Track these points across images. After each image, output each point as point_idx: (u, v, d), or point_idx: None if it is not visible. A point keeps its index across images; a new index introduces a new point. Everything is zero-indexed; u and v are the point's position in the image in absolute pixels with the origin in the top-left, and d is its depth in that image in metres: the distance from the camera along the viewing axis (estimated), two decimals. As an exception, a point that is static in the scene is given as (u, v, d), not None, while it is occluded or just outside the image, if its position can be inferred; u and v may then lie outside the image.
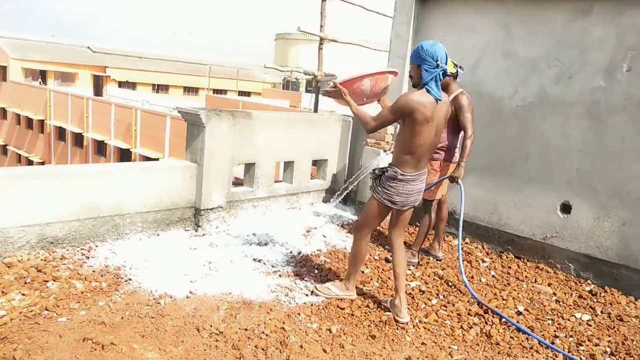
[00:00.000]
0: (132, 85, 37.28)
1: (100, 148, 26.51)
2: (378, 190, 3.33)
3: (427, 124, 3.11)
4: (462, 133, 4.25)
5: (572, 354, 3.16)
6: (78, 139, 27.91)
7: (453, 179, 4.17)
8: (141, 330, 2.92)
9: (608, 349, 3.26)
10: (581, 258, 4.50)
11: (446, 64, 3.11)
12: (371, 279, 4.02)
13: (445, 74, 3.14)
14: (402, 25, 5.56)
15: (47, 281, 3.34)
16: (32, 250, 3.69)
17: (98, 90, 35.99)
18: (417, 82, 3.19)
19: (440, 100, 3.14)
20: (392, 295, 3.66)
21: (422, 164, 3.27)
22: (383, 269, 4.22)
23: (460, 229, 4.17)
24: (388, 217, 3.57)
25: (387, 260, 4.42)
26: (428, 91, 3.10)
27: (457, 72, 4.27)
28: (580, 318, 3.70)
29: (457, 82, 4.31)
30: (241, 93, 38.53)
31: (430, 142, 3.21)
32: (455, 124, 4.25)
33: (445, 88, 4.29)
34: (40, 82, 34.13)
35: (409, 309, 3.56)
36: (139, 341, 2.82)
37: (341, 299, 3.58)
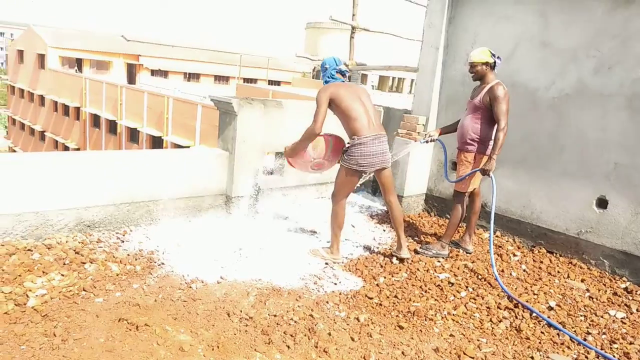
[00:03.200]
0: (164, 74, 37.79)
1: (133, 135, 27.04)
2: (345, 159, 3.88)
3: (349, 98, 3.81)
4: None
5: (605, 352, 3.10)
6: (112, 126, 28.55)
7: (484, 172, 4.10)
8: (173, 313, 3.00)
9: (643, 348, 3.18)
10: (617, 254, 4.38)
11: (333, 66, 3.99)
12: (400, 270, 4.01)
13: (341, 72, 4.00)
14: (436, 13, 5.47)
15: (84, 263, 3.46)
16: (70, 232, 3.82)
17: (131, 78, 36.67)
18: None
19: (343, 82, 4.01)
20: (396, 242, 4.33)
21: (372, 127, 3.84)
22: (412, 261, 4.21)
23: (492, 221, 4.12)
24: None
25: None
26: (329, 82, 3.95)
27: (494, 62, 4.18)
28: (615, 315, 3.61)
29: (494, 73, 4.23)
30: (271, 82, 38.64)
31: (364, 108, 3.86)
32: (489, 114, 4.17)
33: (483, 78, 4.22)
34: (76, 69, 34.98)
35: (437, 300, 3.56)
36: (171, 323, 2.90)
37: (327, 261, 3.91)
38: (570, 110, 4.61)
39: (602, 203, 4.46)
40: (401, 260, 4.15)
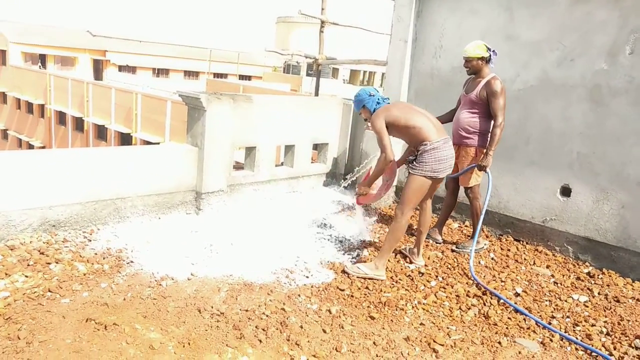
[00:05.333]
0: (132, 70, 37.06)
1: (101, 132, 26.46)
2: (417, 167, 3.69)
3: (405, 113, 3.74)
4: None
5: (569, 334, 3.21)
6: (78, 124, 27.85)
7: (481, 168, 4.14)
8: (143, 311, 2.97)
9: (604, 329, 3.30)
10: (580, 240, 4.53)
11: (377, 93, 3.90)
12: (370, 261, 4.04)
13: (384, 99, 3.89)
14: (404, 8, 5.51)
15: (49, 263, 3.37)
16: (34, 233, 3.72)
17: (98, 75, 35.83)
18: (369, 115, 3.88)
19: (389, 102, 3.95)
20: (411, 243, 4.37)
21: (440, 131, 3.73)
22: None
23: (481, 217, 4.19)
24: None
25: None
26: (377, 108, 3.84)
27: (489, 56, 4.17)
28: (578, 299, 3.73)
29: (489, 66, 4.22)
30: (242, 77, 38.36)
31: (425, 116, 3.76)
32: (485, 109, 4.16)
33: (478, 72, 4.23)
34: (40, 66, 33.95)
35: (408, 290, 3.61)
36: (141, 322, 2.86)
37: (369, 278, 3.71)
38: (534, 101, 4.72)
39: (566, 191, 4.59)
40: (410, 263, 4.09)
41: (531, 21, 4.69)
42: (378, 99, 3.87)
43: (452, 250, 4.47)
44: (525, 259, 4.46)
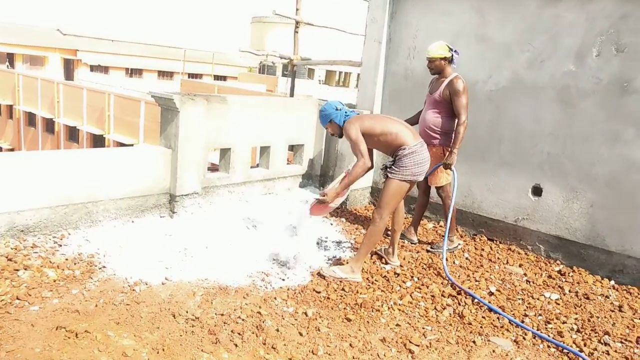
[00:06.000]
0: (104, 70, 36.36)
1: (73, 134, 25.85)
2: (397, 171, 3.68)
3: (379, 122, 3.76)
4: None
5: (541, 332, 3.27)
6: (49, 125, 27.14)
7: (446, 166, 4.19)
8: (116, 318, 2.91)
9: (575, 326, 3.37)
10: (551, 239, 4.62)
11: (343, 107, 3.89)
12: (346, 263, 4.05)
13: (351, 112, 3.89)
14: (378, 9, 5.54)
15: (18, 270, 3.28)
16: (1, 239, 3.61)
17: (69, 74, 35.05)
18: (338, 130, 3.88)
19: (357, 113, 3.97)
20: (386, 243, 4.34)
21: (416, 135, 3.77)
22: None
23: (450, 215, 4.24)
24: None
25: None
26: (348, 117, 3.83)
27: (452, 55, 4.23)
28: (549, 297, 3.81)
29: (452, 66, 4.28)
30: (217, 77, 38.00)
31: (398, 122, 3.81)
32: (449, 108, 4.23)
33: (441, 72, 4.28)
34: (7, 65, 33.03)
35: (384, 291, 3.63)
36: (113, 328, 2.80)
37: (346, 280, 3.71)
38: (506, 102, 4.81)
39: (537, 191, 4.69)
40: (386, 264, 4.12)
41: (502, 23, 4.78)
42: (345, 112, 3.87)
43: (427, 251, 4.51)
44: (498, 258, 4.53)
